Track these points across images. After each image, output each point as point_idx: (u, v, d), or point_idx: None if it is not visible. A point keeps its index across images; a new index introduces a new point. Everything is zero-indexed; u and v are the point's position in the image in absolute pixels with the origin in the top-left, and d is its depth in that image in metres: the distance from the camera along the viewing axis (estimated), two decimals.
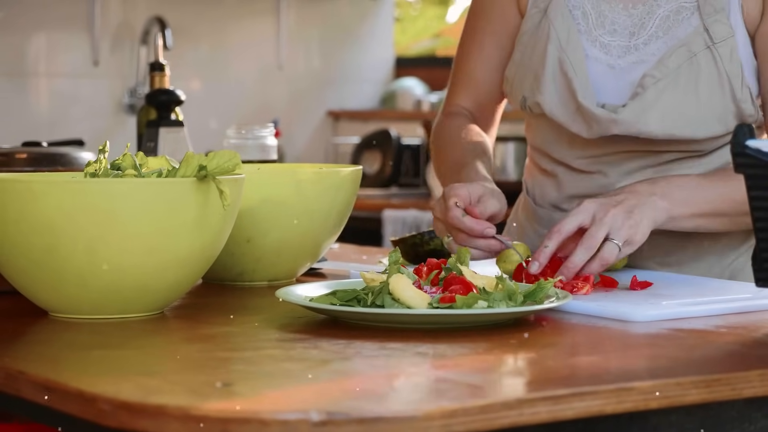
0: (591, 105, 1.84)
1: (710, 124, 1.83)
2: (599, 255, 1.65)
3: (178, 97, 2.31)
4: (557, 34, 1.88)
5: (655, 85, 1.82)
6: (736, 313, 1.53)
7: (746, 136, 1.26)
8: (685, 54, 1.82)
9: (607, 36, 1.87)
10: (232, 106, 5.21)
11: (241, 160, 1.54)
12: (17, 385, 1.22)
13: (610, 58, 1.87)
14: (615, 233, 1.66)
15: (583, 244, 1.65)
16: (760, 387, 1.23)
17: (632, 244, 1.68)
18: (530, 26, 1.93)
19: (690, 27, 1.83)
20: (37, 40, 4.78)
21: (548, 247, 1.65)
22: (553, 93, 1.87)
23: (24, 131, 4.06)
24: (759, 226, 1.31)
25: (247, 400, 1.12)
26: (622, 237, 1.66)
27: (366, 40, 5.64)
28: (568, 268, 1.64)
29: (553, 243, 1.65)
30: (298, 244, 1.79)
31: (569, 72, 1.86)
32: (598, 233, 1.65)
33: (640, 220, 1.69)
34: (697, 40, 1.82)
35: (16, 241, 1.46)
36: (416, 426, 1.05)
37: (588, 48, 1.88)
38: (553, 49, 1.87)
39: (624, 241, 1.66)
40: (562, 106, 1.87)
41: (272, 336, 1.42)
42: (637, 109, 1.82)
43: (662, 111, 1.82)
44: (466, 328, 1.42)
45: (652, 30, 1.85)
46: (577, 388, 1.14)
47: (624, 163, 1.89)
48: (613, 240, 1.65)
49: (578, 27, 1.88)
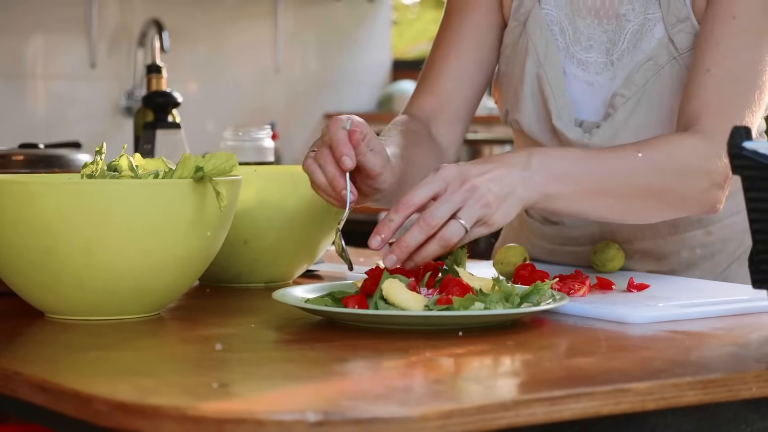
0: (565, 127, 1.81)
1: None
2: (439, 234, 1.47)
3: (175, 99, 2.32)
4: (536, 49, 1.85)
5: (625, 105, 1.79)
6: (733, 315, 1.53)
7: (743, 137, 1.26)
8: (652, 68, 1.79)
9: (584, 52, 1.84)
10: (229, 108, 5.21)
11: (238, 162, 1.54)
12: (13, 385, 1.22)
13: (587, 75, 1.84)
14: (464, 211, 1.47)
15: (419, 221, 1.46)
16: (757, 388, 1.23)
17: (489, 225, 1.49)
18: (511, 40, 1.90)
19: (654, 39, 1.80)
20: (34, 42, 4.78)
21: (393, 221, 1.47)
22: (531, 111, 1.85)
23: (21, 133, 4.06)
24: (755, 227, 1.31)
25: (243, 400, 1.12)
26: (472, 216, 1.47)
27: (363, 43, 5.64)
28: (399, 247, 1.46)
29: (400, 217, 1.47)
30: (295, 246, 1.79)
31: (546, 90, 1.83)
32: (441, 209, 1.46)
33: (504, 198, 1.50)
34: (662, 52, 1.79)
35: (13, 242, 1.46)
36: (412, 427, 1.05)
37: (566, 65, 1.85)
38: (531, 65, 1.85)
39: (476, 221, 1.48)
40: (539, 125, 1.85)
41: (269, 337, 1.42)
42: (608, 132, 1.80)
43: (635, 128, 1.79)
44: (463, 330, 1.42)
45: (624, 45, 1.82)
46: (574, 390, 1.14)
47: None
48: (460, 219, 1.47)
49: (556, 43, 1.85)
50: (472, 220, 1.48)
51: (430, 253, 1.48)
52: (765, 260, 1.31)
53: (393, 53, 5.87)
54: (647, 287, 1.67)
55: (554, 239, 1.94)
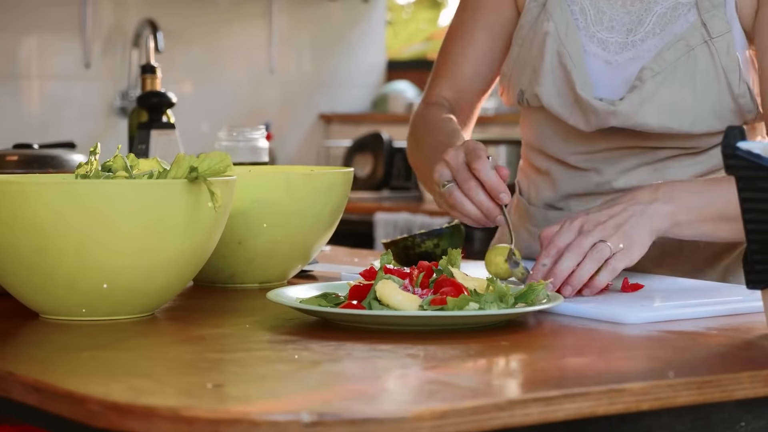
0: (589, 97, 1.85)
1: (707, 119, 1.83)
2: (590, 255, 1.59)
3: (170, 99, 2.31)
4: (556, 27, 1.89)
5: (653, 78, 1.83)
6: (727, 315, 1.53)
7: (737, 137, 1.26)
8: (683, 48, 1.83)
9: (605, 32, 1.89)
10: (223, 109, 5.21)
11: (233, 163, 1.53)
12: (7, 386, 1.21)
13: (607, 54, 1.88)
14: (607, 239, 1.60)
15: (569, 249, 1.60)
16: (751, 389, 1.23)
17: (628, 252, 1.61)
18: (529, 20, 1.94)
19: (687, 22, 1.84)
20: (28, 42, 4.78)
21: (546, 265, 1.61)
22: (551, 85, 1.88)
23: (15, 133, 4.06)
24: (750, 228, 1.31)
25: (237, 401, 1.12)
26: (614, 243, 1.60)
27: (358, 44, 5.64)
28: (555, 274, 1.59)
29: (552, 259, 1.61)
30: (290, 246, 1.79)
31: (568, 64, 1.87)
32: (587, 239, 1.60)
33: (637, 230, 1.62)
34: (695, 34, 1.83)
35: (7, 242, 1.46)
36: (407, 427, 1.05)
37: (586, 44, 1.89)
38: (552, 42, 1.88)
39: (618, 248, 1.60)
40: (560, 98, 1.88)
41: (263, 337, 1.42)
42: (635, 102, 1.83)
43: (660, 104, 1.82)
44: (457, 330, 1.42)
45: (650, 27, 1.86)
46: (569, 390, 1.14)
47: (619, 161, 1.89)
48: (606, 242, 1.60)
49: (576, 23, 1.89)
50: (616, 245, 1.60)
51: (586, 272, 1.59)
52: (759, 260, 1.31)
53: (387, 54, 5.87)
54: (642, 287, 1.67)
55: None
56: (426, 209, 4.53)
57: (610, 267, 1.60)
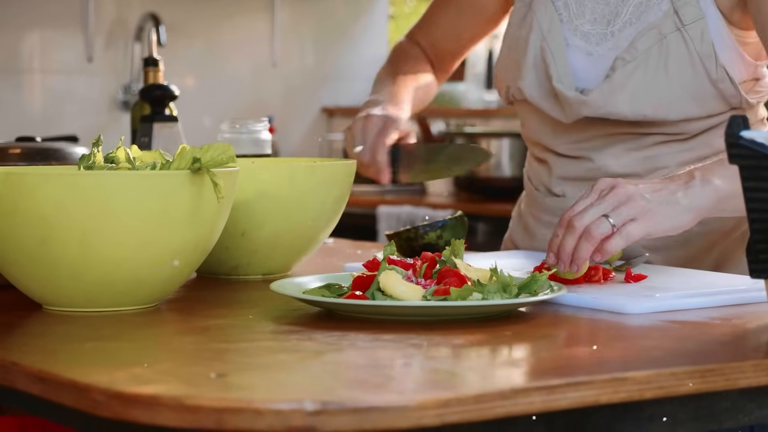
0: (564, 88, 1.89)
1: (684, 105, 1.84)
2: (586, 232, 1.55)
3: (173, 92, 2.31)
4: (540, 25, 1.94)
5: (625, 67, 1.86)
6: (731, 305, 1.53)
7: (740, 126, 1.26)
8: (655, 36, 1.85)
9: (588, 25, 1.93)
10: (226, 103, 5.21)
11: (236, 155, 1.53)
12: (11, 376, 1.22)
13: (588, 46, 1.92)
14: (613, 212, 1.56)
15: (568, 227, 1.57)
16: (754, 377, 1.23)
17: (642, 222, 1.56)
18: (516, 20, 2.01)
19: (660, 11, 1.86)
20: (31, 36, 4.78)
21: (560, 236, 1.58)
22: (533, 79, 1.94)
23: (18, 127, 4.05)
24: (753, 217, 1.30)
25: (241, 390, 1.12)
26: (620, 215, 1.56)
27: (360, 37, 5.64)
28: (560, 255, 1.58)
29: (563, 230, 1.58)
30: (293, 238, 1.79)
31: (548, 58, 1.92)
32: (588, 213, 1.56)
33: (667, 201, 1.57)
34: (667, 22, 1.85)
35: (10, 234, 1.46)
36: (410, 416, 1.05)
37: (569, 37, 1.93)
38: (535, 39, 1.94)
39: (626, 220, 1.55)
40: (540, 91, 1.93)
41: (266, 328, 1.42)
42: (606, 91, 1.86)
43: (631, 92, 1.85)
44: (461, 321, 1.42)
45: (626, 17, 1.90)
46: (572, 378, 1.14)
47: (607, 148, 1.92)
48: (608, 218, 1.56)
49: (560, 17, 1.94)
50: (621, 219, 1.55)
51: (582, 252, 1.55)
52: (763, 250, 1.31)
53: (390, 47, 5.87)
54: (645, 278, 1.67)
55: (557, 211, 1.96)
56: (429, 202, 4.53)
57: (624, 233, 1.55)
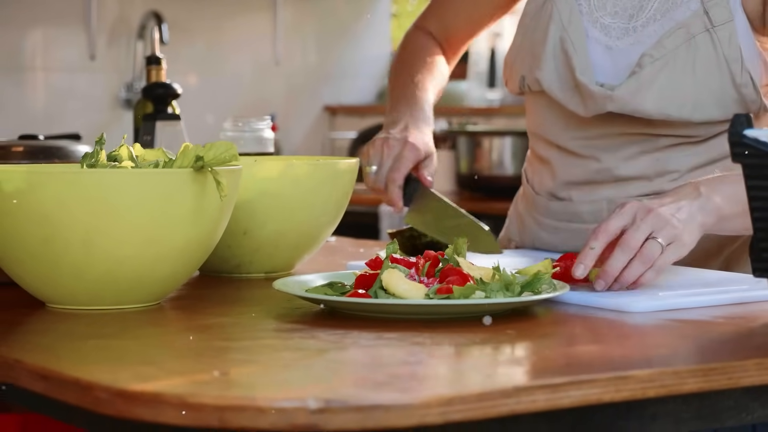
0: (588, 82, 1.86)
1: (707, 108, 1.83)
2: (640, 254, 1.55)
3: (175, 90, 2.31)
4: (559, 14, 1.91)
5: (653, 65, 1.83)
6: (734, 303, 1.53)
7: (744, 125, 1.26)
8: (683, 35, 1.83)
9: (608, 17, 1.90)
10: (228, 101, 5.21)
11: (238, 153, 1.53)
12: (14, 374, 1.22)
13: (609, 39, 1.89)
14: (658, 233, 1.56)
15: (620, 245, 1.56)
16: (757, 376, 1.23)
17: (679, 244, 1.57)
18: (533, 8, 1.96)
19: (689, 10, 1.84)
20: (33, 34, 4.78)
21: (594, 249, 1.56)
22: (552, 70, 1.90)
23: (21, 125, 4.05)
24: (756, 216, 1.30)
25: (244, 388, 1.12)
26: (666, 237, 1.56)
27: (362, 36, 5.64)
28: (606, 272, 1.55)
29: (600, 243, 1.57)
30: (295, 236, 1.79)
31: (569, 50, 1.89)
32: (637, 234, 1.56)
33: (687, 222, 1.58)
34: (697, 22, 1.83)
35: (13, 232, 1.46)
36: (414, 414, 1.05)
37: (589, 29, 1.90)
38: (555, 28, 1.91)
39: (669, 242, 1.56)
40: (560, 83, 1.90)
41: (269, 326, 1.42)
42: (633, 87, 1.83)
43: (659, 90, 1.83)
44: (464, 319, 1.42)
45: (651, 13, 1.87)
46: (575, 377, 1.14)
47: (618, 148, 1.90)
48: (657, 238, 1.56)
49: (580, 8, 1.91)
50: (667, 239, 1.56)
51: (634, 273, 1.55)
52: (766, 249, 1.31)
53: (392, 45, 5.87)
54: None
55: (561, 215, 1.95)
56: None
57: (656, 266, 1.56)
